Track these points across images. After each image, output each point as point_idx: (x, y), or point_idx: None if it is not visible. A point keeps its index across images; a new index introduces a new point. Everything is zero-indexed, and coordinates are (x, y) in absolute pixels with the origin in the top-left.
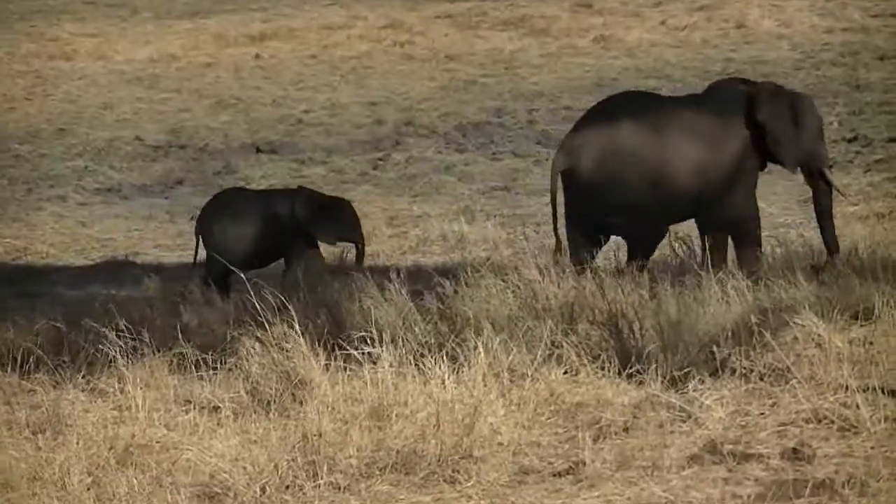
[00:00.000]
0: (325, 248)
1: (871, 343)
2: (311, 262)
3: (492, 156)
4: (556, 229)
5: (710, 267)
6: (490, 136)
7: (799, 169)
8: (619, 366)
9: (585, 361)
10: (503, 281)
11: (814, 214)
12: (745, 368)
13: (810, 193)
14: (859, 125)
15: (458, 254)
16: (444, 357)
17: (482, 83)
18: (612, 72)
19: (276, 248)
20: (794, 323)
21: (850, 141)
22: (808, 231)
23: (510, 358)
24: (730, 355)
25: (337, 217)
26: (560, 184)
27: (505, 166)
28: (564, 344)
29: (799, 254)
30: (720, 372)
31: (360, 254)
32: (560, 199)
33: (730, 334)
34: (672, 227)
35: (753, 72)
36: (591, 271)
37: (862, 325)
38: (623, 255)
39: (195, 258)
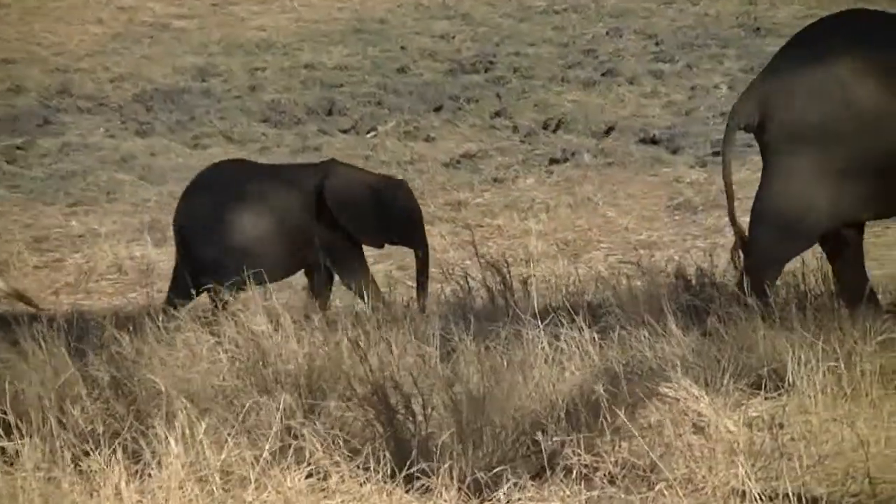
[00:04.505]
0: None
1: (781, 426)
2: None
3: (193, 140)
4: (732, 217)
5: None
6: (190, 111)
7: None
8: (392, 464)
9: (338, 458)
10: (212, 334)
11: (688, 231)
12: (586, 466)
13: (682, 197)
14: None
15: (141, 292)
16: (121, 453)
17: (177, 30)
18: (377, 10)
19: (303, 253)
20: (663, 395)
21: None
22: (683, 251)
23: (223, 454)
24: (563, 446)
25: (387, 207)
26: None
27: (212, 156)
28: (307, 432)
29: (671, 287)
30: (548, 472)
31: (424, 265)
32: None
33: (563, 414)
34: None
35: (596, 8)
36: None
37: (767, 398)
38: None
39: (177, 268)
